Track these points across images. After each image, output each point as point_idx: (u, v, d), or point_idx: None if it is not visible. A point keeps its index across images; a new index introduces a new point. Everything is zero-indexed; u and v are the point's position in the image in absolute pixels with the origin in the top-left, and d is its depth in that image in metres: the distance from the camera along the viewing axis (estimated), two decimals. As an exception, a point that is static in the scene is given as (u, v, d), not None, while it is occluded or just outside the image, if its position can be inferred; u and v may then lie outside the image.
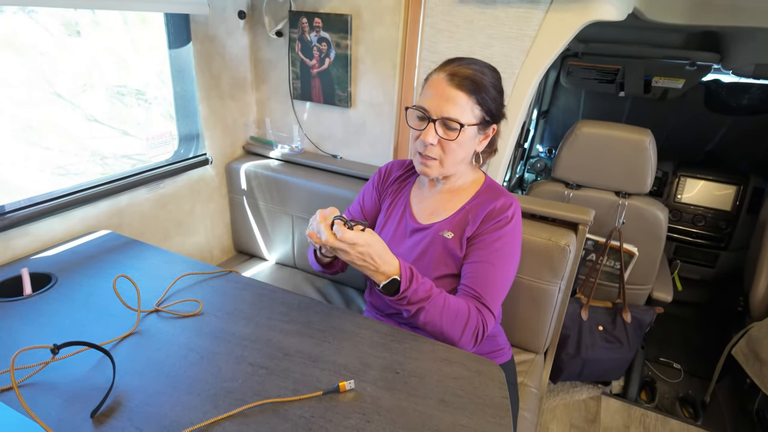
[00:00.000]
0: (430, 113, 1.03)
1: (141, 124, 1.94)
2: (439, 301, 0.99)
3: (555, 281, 1.39)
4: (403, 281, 0.96)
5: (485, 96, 1.03)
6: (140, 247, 1.30)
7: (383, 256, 0.95)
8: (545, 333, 1.48)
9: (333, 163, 1.76)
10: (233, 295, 1.11)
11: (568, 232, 1.39)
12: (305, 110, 1.80)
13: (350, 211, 1.32)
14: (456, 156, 1.07)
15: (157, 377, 0.86)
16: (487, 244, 1.07)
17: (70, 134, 1.80)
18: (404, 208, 1.22)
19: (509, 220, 1.09)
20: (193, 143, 1.70)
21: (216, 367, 0.89)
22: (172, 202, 1.65)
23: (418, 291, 0.98)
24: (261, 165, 1.80)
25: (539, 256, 1.37)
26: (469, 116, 1.03)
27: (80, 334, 0.96)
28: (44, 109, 1.66)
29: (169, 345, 0.94)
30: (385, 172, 1.31)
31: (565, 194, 1.87)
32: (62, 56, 1.61)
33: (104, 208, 1.44)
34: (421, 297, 0.98)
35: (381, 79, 1.61)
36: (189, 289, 1.13)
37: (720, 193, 2.59)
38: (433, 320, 1.00)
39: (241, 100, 1.83)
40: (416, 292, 0.98)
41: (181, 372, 0.87)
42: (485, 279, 1.06)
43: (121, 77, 1.86)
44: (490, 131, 1.11)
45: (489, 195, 1.14)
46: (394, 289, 0.98)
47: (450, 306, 1.00)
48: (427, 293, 0.99)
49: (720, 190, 2.59)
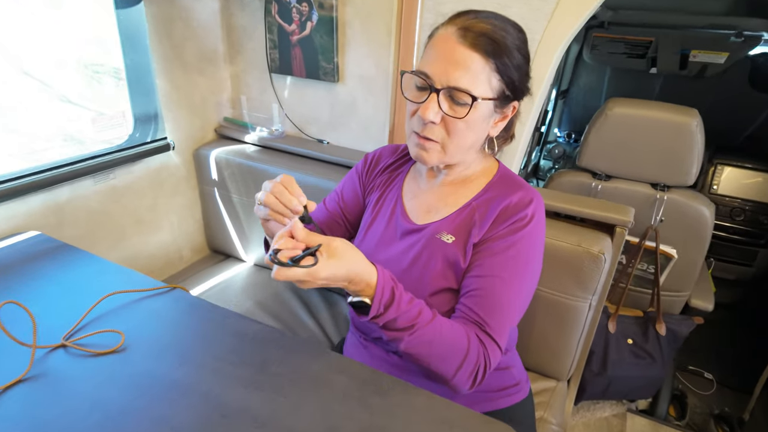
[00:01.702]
0: (432, 81, 0.76)
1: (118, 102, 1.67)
2: (428, 332, 0.73)
3: (584, 296, 1.13)
4: (375, 306, 0.70)
5: (507, 61, 0.76)
6: (70, 255, 1.05)
7: (354, 278, 0.69)
8: (570, 357, 1.22)
9: (319, 149, 1.50)
10: (171, 323, 0.86)
11: (602, 236, 1.12)
12: (286, 86, 1.53)
13: (326, 205, 1.05)
14: (463, 140, 0.80)
15: (36, 454, 0.61)
16: (498, 252, 0.81)
17: (41, 116, 1.54)
18: (395, 204, 0.96)
19: (528, 221, 0.82)
20: (151, 126, 1.44)
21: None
22: (126, 195, 1.40)
23: (397, 320, 0.72)
24: (234, 151, 1.53)
25: (565, 265, 1.11)
26: (484, 87, 0.76)
27: (-47, 380, 0.71)
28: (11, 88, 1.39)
29: (69, 397, 0.69)
30: (373, 159, 1.04)
31: (593, 186, 1.59)
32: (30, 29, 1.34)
33: (36, 204, 1.19)
34: (402, 326, 0.72)
35: (373, 47, 1.33)
36: (115, 313, 0.88)
37: (761, 183, 2.28)
38: (417, 353, 0.74)
39: (211, 75, 1.56)
40: (394, 321, 0.72)
41: (72, 445, 0.62)
42: (492, 299, 0.80)
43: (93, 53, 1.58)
44: (509, 110, 0.84)
45: (502, 188, 0.87)
46: (364, 309, 0.73)
47: (443, 337, 0.74)
48: (411, 321, 0.72)
49: (761, 179, 2.28)
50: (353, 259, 0.68)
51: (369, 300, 0.70)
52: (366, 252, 0.96)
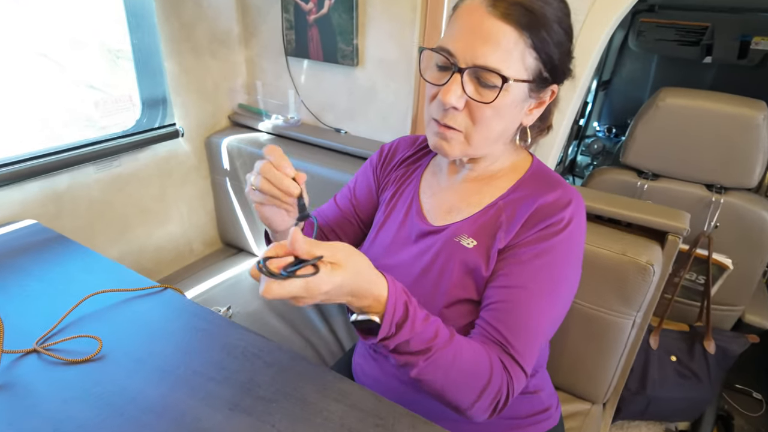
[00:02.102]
0: (456, 59, 0.64)
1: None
2: (446, 356, 0.61)
3: (628, 312, 0.98)
4: (385, 326, 0.58)
5: (546, 36, 0.63)
6: (62, 247, 0.98)
7: (360, 291, 0.57)
8: (608, 379, 1.08)
9: (336, 139, 1.39)
10: (155, 329, 0.77)
11: (651, 245, 0.97)
12: (302, 71, 1.43)
13: (336, 202, 0.94)
14: (491, 129, 0.68)
15: (-22, 485, 0.53)
16: (527, 260, 0.68)
17: (60, 99, 1.48)
18: (410, 202, 0.84)
19: (565, 226, 0.69)
20: (159, 111, 1.36)
21: (80, 468, 0.55)
22: (131, 183, 1.32)
23: (411, 342, 0.59)
24: (247, 140, 1.44)
25: (607, 276, 0.97)
26: (516, 67, 0.63)
27: None
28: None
29: (31, 415, 0.61)
30: (389, 152, 0.92)
31: (638, 186, 1.43)
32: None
33: (33, 192, 1.12)
34: (416, 349, 0.60)
35: (396, 28, 1.21)
36: (98, 315, 0.79)
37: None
38: (431, 381, 0.62)
39: (225, 58, 1.46)
40: (407, 344, 0.59)
41: (21, 475, 0.54)
42: (517, 314, 0.67)
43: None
44: (546, 95, 0.71)
45: (536, 186, 0.74)
46: (371, 329, 0.60)
47: (462, 363, 0.62)
48: (427, 344, 0.60)
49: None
50: (360, 269, 0.55)
51: (378, 318, 0.58)
52: (374, 256, 0.84)
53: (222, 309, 1.31)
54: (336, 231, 0.92)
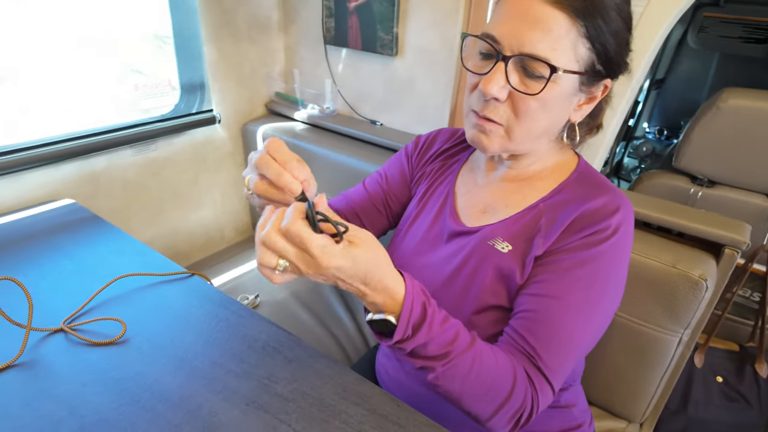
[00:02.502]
0: (500, 46, 0.59)
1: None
2: (465, 362, 0.56)
3: (674, 329, 0.91)
4: (401, 327, 0.54)
5: (602, 24, 0.58)
6: (96, 228, 0.99)
7: (374, 282, 0.53)
8: (648, 397, 1.01)
9: (370, 131, 1.35)
10: (179, 315, 0.76)
11: (705, 257, 0.89)
12: (340, 60, 1.40)
13: (365, 187, 0.90)
14: (535, 123, 0.63)
15: (-6, 463, 0.52)
16: (566, 269, 0.63)
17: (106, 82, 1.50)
18: (444, 200, 0.79)
19: (611, 234, 0.63)
20: (197, 96, 1.36)
21: (93, 455, 0.54)
22: (167, 167, 1.33)
23: (428, 346, 0.55)
24: (281, 129, 1.43)
25: (653, 289, 0.89)
26: (567, 57, 0.58)
27: (-60, 359, 0.65)
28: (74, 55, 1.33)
29: (52, 396, 0.61)
30: (425, 143, 0.88)
31: (691, 193, 1.34)
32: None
33: (72, 172, 1.14)
34: (434, 354, 0.56)
35: (439, 16, 1.16)
36: (125, 298, 0.79)
37: None
38: (448, 387, 0.58)
39: (264, 45, 1.45)
40: (424, 347, 0.55)
41: (35, 457, 0.53)
42: (549, 326, 0.61)
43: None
44: (598, 90, 0.65)
45: (581, 189, 0.68)
46: (386, 330, 0.56)
47: (483, 371, 0.57)
48: (445, 348, 0.56)
49: None
50: (378, 256, 0.52)
51: (394, 318, 0.54)
52: (402, 253, 0.80)
53: (250, 297, 1.30)
54: (360, 216, 0.87)
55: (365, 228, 0.86)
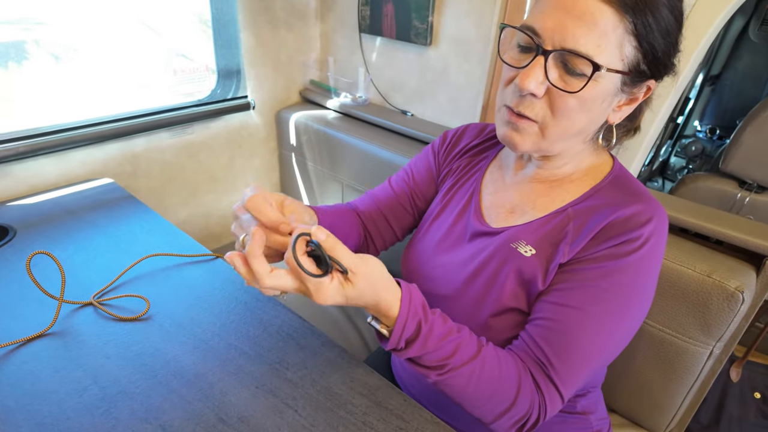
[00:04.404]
0: (541, 39, 0.56)
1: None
2: (462, 374, 0.57)
3: (705, 341, 0.87)
4: (393, 341, 0.55)
5: (651, 21, 0.54)
6: (132, 207, 1.03)
7: (368, 305, 0.55)
8: (673, 409, 0.97)
9: (401, 121, 1.34)
10: (201, 296, 0.79)
11: (745, 268, 0.84)
12: (374, 48, 1.39)
13: (391, 185, 0.89)
14: (572, 122, 0.60)
15: (22, 425, 0.56)
16: (590, 279, 0.60)
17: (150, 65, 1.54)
18: (470, 198, 0.77)
19: (640, 245, 0.60)
20: (233, 82, 1.39)
21: (110, 423, 0.57)
22: (203, 151, 1.37)
23: (423, 358, 0.56)
24: (314, 117, 1.44)
25: (686, 298, 0.85)
26: (612, 54, 0.55)
27: (-18, 324, 0.70)
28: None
29: (79, 364, 0.65)
30: (453, 138, 0.86)
31: (738, 198, 1.26)
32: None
33: (113, 152, 1.19)
34: (429, 365, 0.57)
35: (475, 4, 1.13)
36: (150, 276, 0.83)
37: None
38: (447, 391, 0.59)
39: (300, 32, 1.46)
40: (420, 359, 0.57)
41: (59, 422, 0.57)
42: (565, 335, 0.60)
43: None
44: (641, 91, 0.61)
45: (613, 195, 0.65)
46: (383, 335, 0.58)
47: (483, 383, 0.57)
48: (441, 362, 0.56)
49: None
50: (372, 285, 0.53)
51: (387, 332, 0.56)
52: (423, 249, 0.80)
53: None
54: (387, 217, 0.86)
55: (390, 226, 0.86)
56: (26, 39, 1.12)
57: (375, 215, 0.86)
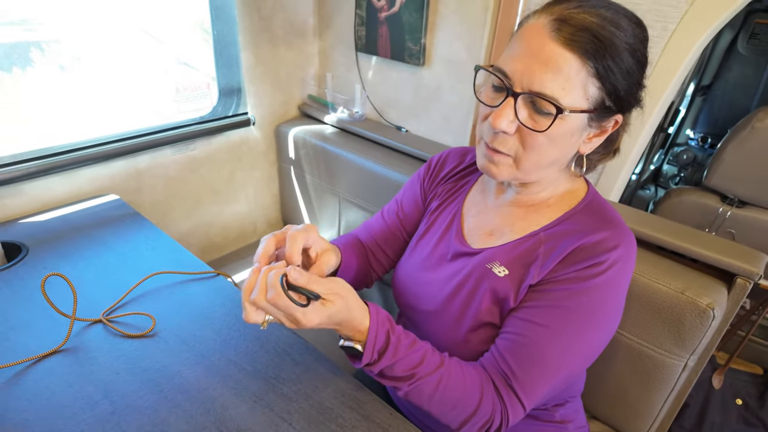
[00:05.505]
0: (511, 81, 0.61)
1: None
2: (430, 383, 0.64)
3: (679, 354, 0.91)
4: (367, 354, 0.62)
5: (612, 65, 0.59)
6: (137, 224, 1.08)
7: (344, 323, 0.62)
8: (651, 417, 1.02)
9: (396, 137, 1.39)
10: (202, 313, 0.84)
11: (717, 286, 0.89)
12: (370, 67, 1.44)
13: (383, 216, 0.95)
14: (542, 156, 0.65)
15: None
16: (557, 300, 0.66)
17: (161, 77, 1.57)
18: (452, 220, 0.83)
19: (606, 269, 0.65)
20: (234, 99, 1.44)
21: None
22: (205, 166, 1.43)
23: (395, 367, 0.63)
24: (312, 131, 1.49)
25: (660, 313, 0.90)
26: (576, 95, 0.60)
27: (2, 340, 0.76)
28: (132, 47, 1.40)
29: (91, 380, 0.70)
30: (437, 165, 0.92)
31: (719, 212, 1.30)
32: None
33: (119, 169, 1.25)
34: (400, 375, 0.63)
35: (466, 28, 1.18)
36: (155, 294, 0.88)
37: None
38: (416, 403, 0.66)
39: (299, 48, 1.51)
40: (391, 368, 0.63)
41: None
42: (531, 350, 0.65)
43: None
44: (609, 124, 0.66)
45: (585, 221, 0.70)
46: (356, 353, 0.65)
47: (448, 391, 0.64)
48: (410, 371, 0.63)
49: None
50: (347, 305, 0.61)
51: (360, 347, 0.63)
52: (410, 268, 0.85)
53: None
54: (382, 247, 0.93)
55: (387, 254, 0.93)
56: (32, 48, 1.16)
57: (372, 246, 0.93)
